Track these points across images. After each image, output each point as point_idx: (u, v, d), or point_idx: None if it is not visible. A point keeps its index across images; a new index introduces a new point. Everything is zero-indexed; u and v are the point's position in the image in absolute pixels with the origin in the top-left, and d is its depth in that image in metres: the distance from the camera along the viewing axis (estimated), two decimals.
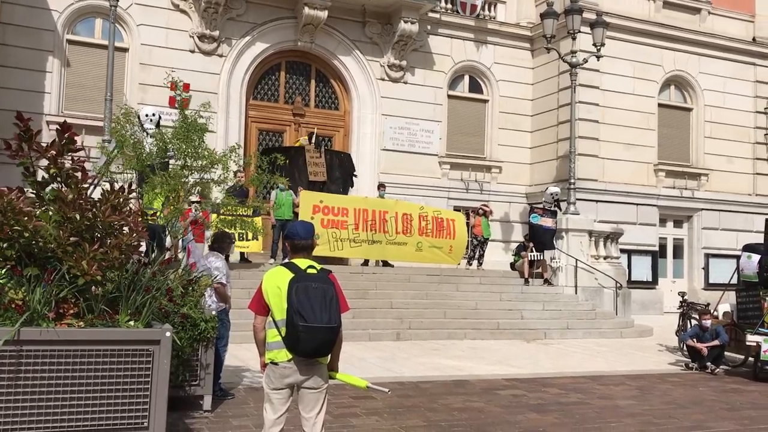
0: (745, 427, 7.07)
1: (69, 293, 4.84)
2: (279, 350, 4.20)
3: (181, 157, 7.84)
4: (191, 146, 7.77)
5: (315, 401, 4.27)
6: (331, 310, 4.09)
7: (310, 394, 4.26)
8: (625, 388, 8.97)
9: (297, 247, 4.37)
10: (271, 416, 4.30)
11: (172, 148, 7.88)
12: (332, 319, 4.08)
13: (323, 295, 4.09)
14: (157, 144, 8.00)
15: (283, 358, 4.19)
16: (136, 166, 7.78)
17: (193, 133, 7.81)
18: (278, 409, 4.29)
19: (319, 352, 4.16)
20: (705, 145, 21.76)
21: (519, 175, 21.14)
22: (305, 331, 4.01)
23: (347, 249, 15.23)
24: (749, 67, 22.47)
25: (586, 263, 16.58)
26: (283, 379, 4.23)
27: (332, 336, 4.13)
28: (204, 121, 8.14)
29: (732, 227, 21.57)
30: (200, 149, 7.88)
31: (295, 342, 4.08)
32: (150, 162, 7.85)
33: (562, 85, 19.83)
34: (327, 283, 4.18)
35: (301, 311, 4.02)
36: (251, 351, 10.18)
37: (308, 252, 4.38)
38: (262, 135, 18.90)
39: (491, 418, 7.00)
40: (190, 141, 7.78)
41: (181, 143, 7.77)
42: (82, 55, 16.96)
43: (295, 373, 4.20)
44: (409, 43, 19.52)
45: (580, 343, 13.57)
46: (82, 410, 4.66)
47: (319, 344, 4.10)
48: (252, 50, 18.30)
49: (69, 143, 5.01)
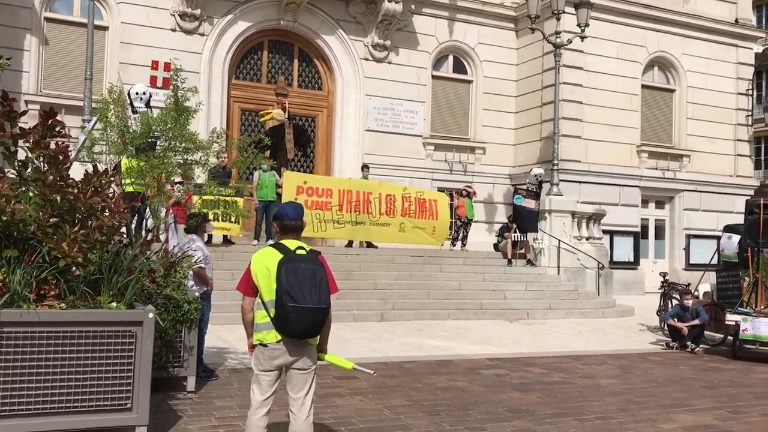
0: (723, 404, 7.18)
1: (50, 275, 4.79)
2: (268, 331, 4.20)
3: (167, 138, 7.74)
4: (178, 128, 7.67)
5: (303, 382, 4.28)
6: (321, 291, 4.07)
7: (298, 374, 4.26)
8: (607, 367, 9.07)
9: (286, 228, 4.34)
10: (258, 397, 4.30)
11: (158, 129, 7.76)
12: (321, 300, 4.07)
13: (312, 275, 4.08)
14: (142, 124, 7.89)
15: (272, 339, 4.19)
16: (120, 150, 7.67)
17: (182, 115, 7.70)
18: (266, 391, 4.30)
19: (308, 333, 4.16)
20: (687, 127, 21.89)
21: (503, 157, 21.16)
22: (295, 311, 4.00)
23: (331, 230, 15.21)
24: (731, 49, 22.57)
25: (569, 244, 16.69)
26: (272, 361, 4.23)
27: (321, 317, 4.12)
28: (192, 104, 8.02)
29: (713, 208, 21.78)
30: (185, 131, 7.77)
31: (285, 323, 4.06)
32: (135, 144, 7.74)
33: (546, 65, 19.81)
34: (316, 264, 4.16)
35: (290, 292, 4.00)
36: (234, 332, 10.18)
37: (297, 233, 4.36)
38: (244, 115, 18.74)
39: (474, 397, 7.05)
40: (179, 123, 7.68)
41: (167, 124, 7.65)
42: (60, 33, 16.67)
43: (284, 354, 4.20)
44: (393, 23, 19.39)
45: (562, 323, 13.69)
46: (64, 392, 4.64)
47: (308, 325, 4.09)
48: (234, 29, 18.10)
49: (52, 127, 4.94)
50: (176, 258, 6.88)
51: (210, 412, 6.07)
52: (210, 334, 7.69)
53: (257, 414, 4.30)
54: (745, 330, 10.07)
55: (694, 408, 6.95)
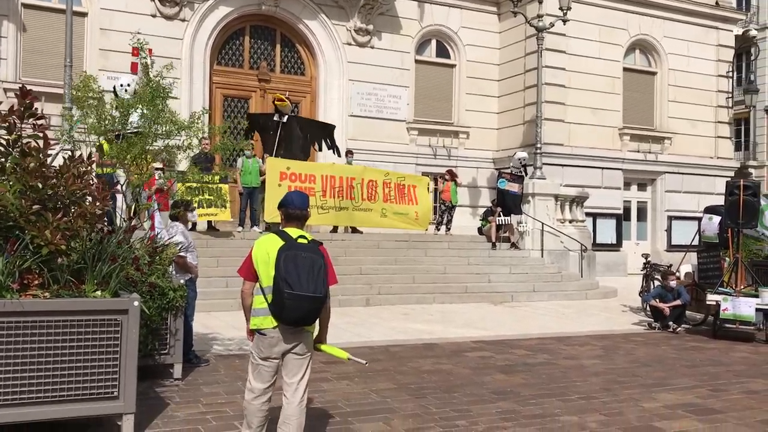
0: (704, 382, 7.30)
1: (33, 264, 4.76)
2: (264, 317, 4.23)
3: (144, 123, 7.65)
4: (155, 111, 7.58)
5: (299, 366, 4.32)
6: (318, 281, 4.11)
7: (294, 359, 4.30)
8: (590, 348, 9.18)
9: (290, 216, 4.37)
10: (258, 385, 4.33)
11: (136, 116, 7.67)
12: (318, 289, 4.10)
13: (311, 264, 4.11)
14: (120, 110, 7.80)
15: (269, 325, 4.22)
16: (98, 131, 7.57)
17: (156, 97, 7.61)
18: (267, 380, 4.33)
19: (303, 320, 4.19)
20: (669, 109, 22.04)
21: (486, 141, 21.21)
22: (290, 298, 4.03)
23: (314, 216, 15.14)
24: (712, 31, 22.70)
25: (552, 227, 16.80)
26: (272, 348, 4.26)
27: (317, 305, 4.15)
28: (167, 84, 7.92)
29: (694, 190, 21.99)
30: (163, 114, 7.67)
31: (281, 309, 4.10)
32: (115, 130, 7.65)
33: (528, 49, 19.83)
34: (316, 254, 4.19)
35: (287, 279, 4.03)
36: (220, 319, 10.20)
37: (301, 222, 4.38)
38: (227, 101, 18.63)
39: (460, 379, 7.12)
40: (154, 106, 7.59)
41: (143, 108, 7.56)
42: (38, 19, 16.44)
43: (280, 341, 4.24)
44: (375, 7, 19.30)
45: (546, 305, 13.81)
46: (50, 381, 4.63)
47: (303, 313, 4.12)
48: (215, 14, 17.93)
49: (28, 108, 4.88)
50: (160, 245, 6.85)
51: (197, 398, 6.09)
52: (195, 321, 7.69)
53: (260, 400, 4.33)
54: (725, 309, 10.22)
55: (676, 387, 7.07)
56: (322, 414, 5.72)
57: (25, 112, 4.85)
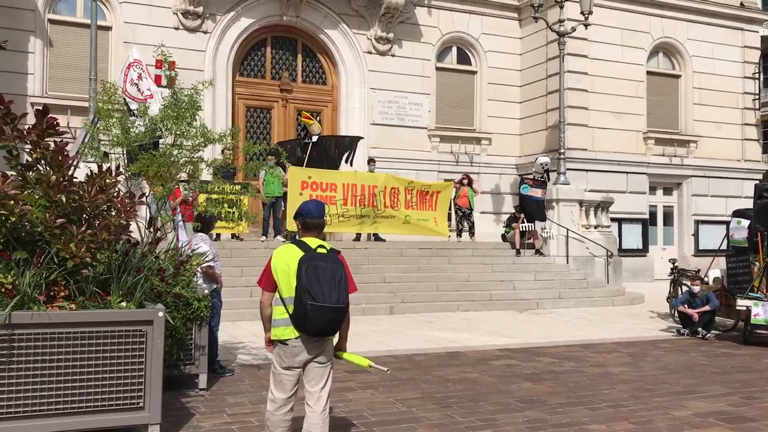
0: (735, 390, 7.15)
1: (59, 276, 4.81)
2: (286, 327, 4.23)
3: (170, 135, 7.69)
4: (183, 124, 7.62)
5: (321, 375, 4.31)
6: (340, 290, 4.11)
7: (316, 368, 4.30)
8: (618, 356, 9.05)
9: (308, 225, 4.38)
10: (280, 395, 4.32)
11: (160, 128, 7.72)
12: (340, 299, 4.10)
13: (332, 274, 4.11)
14: (145, 125, 7.85)
15: (290, 335, 4.22)
16: (123, 143, 7.63)
17: (185, 111, 7.65)
18: (288, 390, 4.32)
19: (325, 331, 4.19)
20: (694, 112, 21.76)
21: (509, 146, 21.11)
22: (313, 310, 4.03)
23: (336, 224, 15.20)
24: (737, 33, 22.40)
25: (577, 233, 16.64)
26: (294, 358, 4.26)
27: (340, 315, 4.15)
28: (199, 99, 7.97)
29: (721, 193, 21.67)
30: (192, 128, 7.72)
31: (303, 320, 4.10)
32: (139, 142, 7.71)
33: (550, 54, 19.72)
34: (336, 263, 4.19)
35: (310, 290, 4.04)
36: (245, 329, 10.22)
37: (319, 231, 4.39)
38: (249, 112, 18.76)
39: (486, 388, 7.05)
40: (182, 119, 7.63)
41: (170, 122, 7.61)
42: (64, 34, 16.71)
43: (303, 351, 4.24)
44: (395, 15, 19.33)
45: (572, 312, 13.66)
46: (77, 392, 4.66)
47: (326, 323, 4.12)
48: (237, 26, 18.09)
49: (49, 127, 4.94)
50: (185, 256, 6.90)
51: (222, 408, 6.09)
52: (220, 330, 7.72)
53: (282, 410, 4.32)
54: (756, 315, 10.03)
55: (707, 394, 6.93)
56: (346, 424, 5.69)
57: (45, 131, 4.90)
